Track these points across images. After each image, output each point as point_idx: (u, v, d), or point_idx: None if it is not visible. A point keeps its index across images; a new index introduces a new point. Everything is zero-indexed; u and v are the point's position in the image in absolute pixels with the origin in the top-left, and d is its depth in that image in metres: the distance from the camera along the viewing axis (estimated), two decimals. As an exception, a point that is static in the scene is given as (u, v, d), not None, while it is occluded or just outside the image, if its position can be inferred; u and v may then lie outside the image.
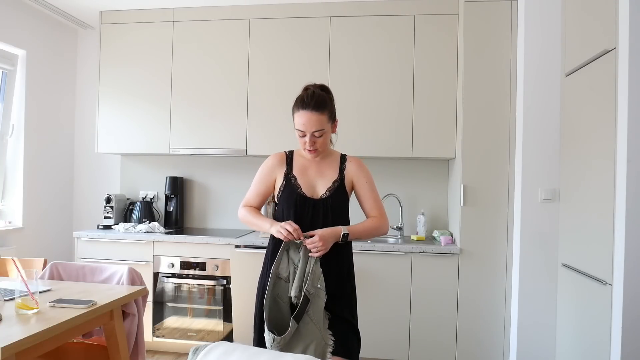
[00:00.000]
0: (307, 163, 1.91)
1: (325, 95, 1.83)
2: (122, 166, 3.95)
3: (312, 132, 1.77)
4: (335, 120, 1.88)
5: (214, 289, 3.23)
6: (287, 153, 1.94)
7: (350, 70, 3.33)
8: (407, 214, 3.58)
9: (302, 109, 1.78)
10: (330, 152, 1.94)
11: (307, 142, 1.79)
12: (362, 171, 1.91)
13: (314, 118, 1.77)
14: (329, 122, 1.82)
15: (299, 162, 1.91)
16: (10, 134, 3.47)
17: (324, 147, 1.85)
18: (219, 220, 3.82)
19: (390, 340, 3.04)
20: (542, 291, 2.67)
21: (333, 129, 1.89)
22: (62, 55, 3.85)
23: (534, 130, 2.69)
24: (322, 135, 1.80)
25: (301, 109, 1.79)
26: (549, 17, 2.67)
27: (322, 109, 1.78)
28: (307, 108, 1.77)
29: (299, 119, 1.79)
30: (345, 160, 1.93)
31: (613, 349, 1.92)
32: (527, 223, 2.70)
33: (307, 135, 1.78)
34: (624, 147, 1.87)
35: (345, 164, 1.92)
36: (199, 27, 3.50)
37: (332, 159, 1.93)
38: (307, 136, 1.78)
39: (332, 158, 1.93)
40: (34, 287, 1.77)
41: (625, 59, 1.87)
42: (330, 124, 1.84)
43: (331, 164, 1.91)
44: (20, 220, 3.47)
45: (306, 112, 1.77)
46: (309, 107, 1.77)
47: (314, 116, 1.77)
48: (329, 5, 3.35)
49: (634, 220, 1.85)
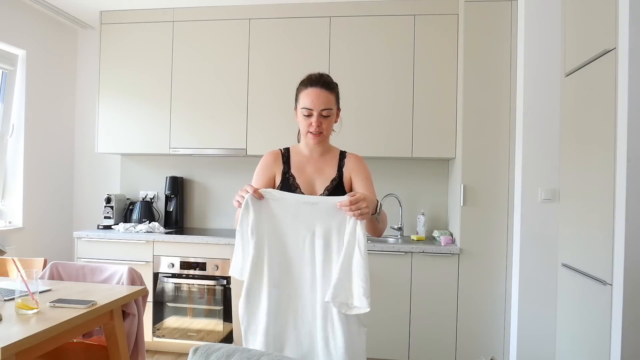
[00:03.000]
0: (304, 160, 1.82)
1: (332, 78, 1.78)
2: (122, 166, 3.95)
3: (321, 110, 1.69)
4: (339, 108, 1.81)
5: (214, 289, 3.23)
6: (283, 150, 1.85)
7: (350, 70, 3.33)
8: (407, 214, 3.58)
9: (311, 86, 1.71)
10: (329, 147, 1.87)
11: (314, 123, 1.69)
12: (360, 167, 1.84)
13: (324, 95, 1.70)
14: (335, 105, 1.76)
15: (296, 160, 1.82)
16: (10, 134, 3.47)
17: (328, 131, 1.77)
18: (219, 220, 3.82)
19: (390, 339, 3.04)
20: (542, 291, 2.67)
21: (337, 116, 1.81)
22: (62, 55, 3.85)
23: (534, 130, 2.69)
24: (329, 116, 1.72)
25: (309, 86, 1.71)
26: (549, 17, 2.67)
27: (330, 88, 1.73)
28: (316, 85, 1.71)
29: (306, 97, 1.71)
30: (345, 157, 1.85)
31: (613, 349, 1.91)
32: (527, 223, 2.70)
33: (315, 115, 1.69)
34: (624, 147, 1.87)
35: (344, 160, 1.84)
36: (199, 27, 3.50)
37: (332, 155, 1.85)
38: (314, 116, 1.69)
39: (332, 155, 1.86)
40: (34, 287, 1.77)
41: (625, 59, 1.87)
42: (336, 107, 1.77)
43: (330, 161, 1.84)
44: (20, 220, 3.47)
45: (315, 89, 1.70)
46: (319, 84, 1.71)
47: (324, 93, 1.70)
48: (329, 5, 3.35)
49: (634, 220, 1.85)
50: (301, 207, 1.55)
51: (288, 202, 1.56)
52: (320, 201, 1.57)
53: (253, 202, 1.53)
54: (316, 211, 1.54)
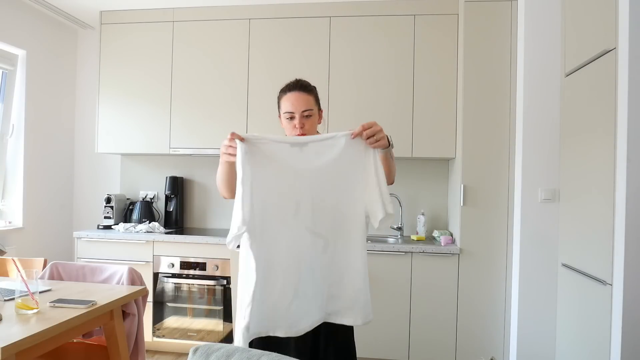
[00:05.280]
0: None
1: (309, 82, 1.83)
2: (122, 166, 3.95)
3: (302, 111, 1.74)
4: (321, 109, 1.87)
5: (214, 289, 3.23)
6: None
7: (350, 71, 3.33)
8: (407, 214, 3.58)
9: (289, 91, 1.79)
10: None
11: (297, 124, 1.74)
12: None
13: (302, 97, 1.76)
14: (316, 105, 1.81)
15: None
16: (10, 134, 3.47)
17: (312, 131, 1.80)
18: (219, 220, 3.81)
19: (390, 340, 3.04)
20: (542, 291, 2.67)
21: (320, 117, 1.86)
22: (62, 55, 3.85)
23: (534, 130, 2.69)
24: (310, 116, 1.77)
25: (288, 91, 1.79)
26: (549, 17, 2.67)
27: (308, 90, 1.79)
28: (294, 89, 1.78)
29: (286, 102, 1.77)
30: None
31: (613, 349, 1.91)
32: (527, 223, 2.70)
33: (297, 117, 1.74)
34: (624, 147, 1.87)
35: None
36: (199, 27, 3.50)
37: None
38: (296, 118, 1.74)
39: None
40: (34, 287, 1.77)
41: (625, 59, 1.87)
42: (317, 108, 1.82)
43: None
44: (20, 220, 3.47)
45: (294, 92, 1.77)
46: (296, 88, 1.78)
47: (303, 95, 1.77)
48: (329, 5, 3.35)
49: (634, 220, 1.85)
50: (287, 149, 1.51)
51: (274, 143, 1.51)
52: (309, 141, 1.54)
53: (246, 152, 1.49)
54: (307, 153, 1.52)
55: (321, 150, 1.53)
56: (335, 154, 1.53)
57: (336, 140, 1.54)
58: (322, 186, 1.53)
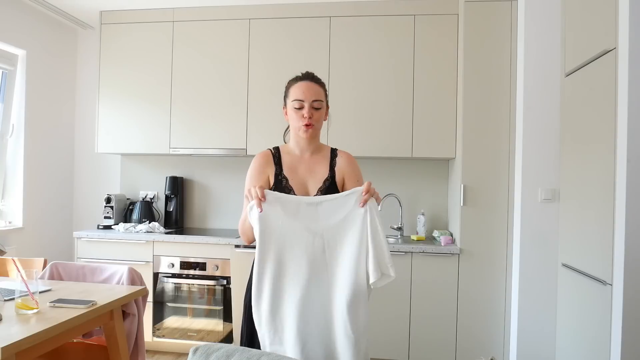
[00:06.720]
0: (296, 160, 1.81)
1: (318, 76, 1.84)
2: (122, 166, 3.95)
3: (312, 101, 1.72)
4: (328, 106, 1.85)
5: (214, 289, 3.23)
6: (273, 151, 1.83)
7: (350, 70, 3.33)
8: (407, 214, 3.58)
9: (301, 80, 1.78)
10: (320, 146, 1.87)
11: (306, 114, 1.71)
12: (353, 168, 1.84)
13: (314, 87, 1.76)
14: (325, 99, 1.80)
15: (287, 160, 1.81)
16: (10, 134, 3.47)
17: (319, 125, 1.79)
18: (219, 220, 3.82)
19: (390, 340, 3.04)
20: (542, 291, 2.67)
21: (326, 113, 1.84)
22: (62, 55, 3.85)
23: (534, 130, 2.69)
24: (319, 109, 1.75)
25: (299, 80, 1.78)
26: (549, 17, 2.67)
27: (320, 82, 1.79)
28: (306, 79, 1.78)
29: (297, 90, 1.75)
30: (336, 155, 1.85)
31: (613, 349, 1.92)
32: (527, 223, 2.70)
33: (306, 106, 1.71)
34: (624, 147, 1.87)
35: (335, 159, 1.83)
36: (198, 27, 3.50)
37: (323, 154, 1.85)
38: (305, 107, 1.72)
39: (323, 153, 1.85)
40: (34, 287, 1.77)
41: (625, 59, 1.87)
42: (325, 102, 1.80)
43: (321, 160, 1.83)
44: (20, 220, 3.47)
45: (305, 82, 1.77)
46: (308, 78, 1.78)
47: (314, 86, 1.76)
48: (329, 5, 3.35)
49: (634, 220, 1.85)
50: (304, 209, 1.56)
51: (292, 203, 1.57)
52: (323, 200, 1.58)
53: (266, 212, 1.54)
54: (321, 212, 1.56)
55: (333, 209, 1.56)
56: (344, 214, 1.56)
57: (347, 199, 1.56)
58: (335, 244, 1.55)
